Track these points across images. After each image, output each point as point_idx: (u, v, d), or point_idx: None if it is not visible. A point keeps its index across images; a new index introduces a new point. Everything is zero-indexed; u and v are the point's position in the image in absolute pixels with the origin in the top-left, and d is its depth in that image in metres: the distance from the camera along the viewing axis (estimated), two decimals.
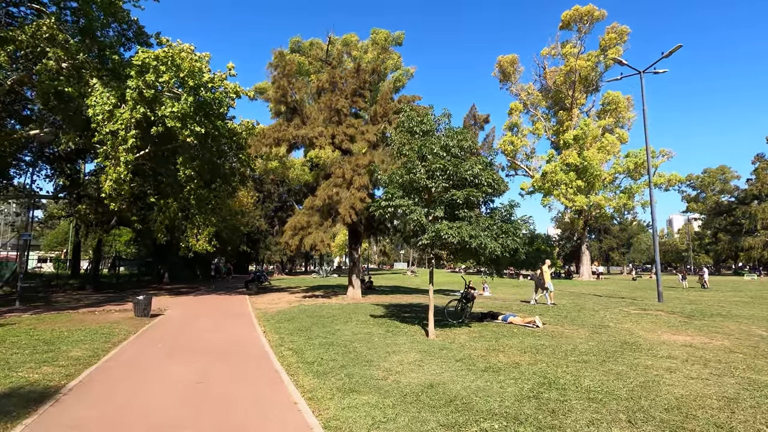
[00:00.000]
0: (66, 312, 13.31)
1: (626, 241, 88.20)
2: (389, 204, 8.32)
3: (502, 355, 7.03)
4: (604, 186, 42.45)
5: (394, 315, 12.32)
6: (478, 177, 8.00)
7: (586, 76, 43.64)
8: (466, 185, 8.08)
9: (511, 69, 46.11)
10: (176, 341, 8.52)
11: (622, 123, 46.15)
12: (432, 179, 7.92)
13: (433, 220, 8.13)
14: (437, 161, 7.81)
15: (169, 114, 13.02)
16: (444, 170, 7.82)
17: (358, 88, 18.64)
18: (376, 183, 17.03)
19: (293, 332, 9.48)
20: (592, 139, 40.91)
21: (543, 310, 13.75)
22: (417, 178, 7.93)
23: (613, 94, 44.18)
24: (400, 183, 8.68)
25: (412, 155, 8.04)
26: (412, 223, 7.97)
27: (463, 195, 7.77)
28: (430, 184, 7.91)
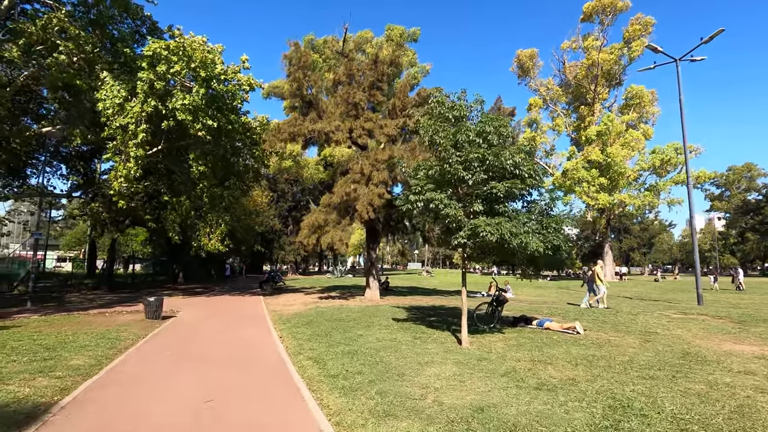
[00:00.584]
0: (76, 313, 12.84)
1: (647, 241, 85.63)
2: (419, 198, 7.50)
3: (552, 369, 6.14)
4: (629, 183, 40.84)
5: (418, 319, 11.49)
6: (520, 167, 7.12)
7: (608, 69, 42.09)
8: (506, 176, 7.21)
9: (530, 63, 44.81)
10: (186, 348, 7.84)
11: (645, 118, 44.46)
12: (468, 170, 7.06)
13: (469, 216, 7.27)
14: (474, 150, 6.95)
15: (180, 107, 12.44)
16: (482, 160, 6.96)
17: (376, 80, 17.85)
18: (396, 179, 16.22)
19: (312, 338, 8.73)
20: (616, 134, 39.37)
21: (596, 313, 12.74)
22: (452, 169, 7.08)
23: (637, 88, 42.53)
24: (430, 175, 7.86)
25: (446, 143, 7.19)
26: (446, 219, 7.13)
27: (504, 187, 6.90)
28: (466, 176, 7.05)
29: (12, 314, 12.55)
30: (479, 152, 6.91)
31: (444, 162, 7.32)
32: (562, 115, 45.80)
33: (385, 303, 16.39)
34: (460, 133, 7.29)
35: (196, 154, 13.66)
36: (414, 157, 16.20)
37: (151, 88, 12.83)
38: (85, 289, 23.06)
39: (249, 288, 25.75)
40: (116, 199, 13.41)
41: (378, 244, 19.44)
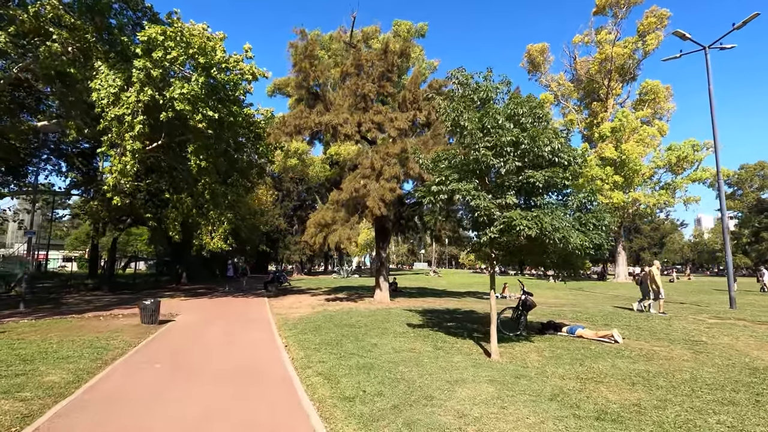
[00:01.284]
0: (69, 317, 12.04)
1: (658, 241, 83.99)
2: (441, 189, 6.58)
3: (606, 389, 5.20)
4: (643, 181, 39.60)
5: (435, 325, 10.56)
6: (558, 154, 6.18)
7: (622, 64, 40.87)
8: (543, 164, 6.27)
9: (540, 58, 43.68)
10: (180, 359, 6.97)
11: (660, 114, 43.23)
12: (500, 157, 6.13)
13: (500, 209, 6.34)
14: (508, 133, 6.02)
15: (179, 96, 11.59)
16: (516, 144, 6.03)
17: (386, 71, 16.94)
18: (408, 174, 15.29)
19: (321, 347, 7.84)
20: (630, 131, 38.17)
21: (626, 318, 11.75)
22: (480, 156, 6.15)
23: (652, 84, 41.30)
24: (453, 164, 6.94)
25: (473, 127, 6.26)
26: (475, 212, 6.21)
27: (542, 176, 5.96)
28: (497, 164, 6.12)
29: (1, 318, 11.79)
30: (513, 135, 5.97)
31: (470, 148, 6.39)
32: (574, 111, 44.64)
33: (396, 306, 15.48)
34: (487, 116, 6.35)
35: (196, 147, 12.80)
36: (427, 150, 15.29)
37: (148, 77, 12.00)
38: (85, 290, 22.34)
39: (253, 289, 24.94)
40: (110, 196, 12.58)
41: (388, 243, 18.53)
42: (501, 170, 6.14)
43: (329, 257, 69.38)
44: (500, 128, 6.25)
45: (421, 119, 17.10)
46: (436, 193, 6.67)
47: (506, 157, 6.10)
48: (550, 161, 6.26)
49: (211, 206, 15.43)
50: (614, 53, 40.01)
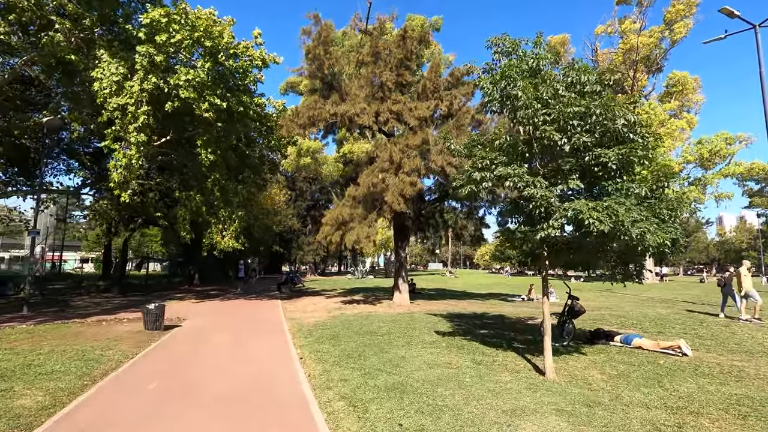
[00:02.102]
0: (71, 321, 11.27)
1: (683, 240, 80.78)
2: (485, 176, 5.48)
3: (710, 424, 4.04)
4: (672, 177, 37.65)
5: (466, 332, 9.44)
6: (634, 128, 5.03)
7: (647, 54, 39.02)
8: (612, 142, 5.13)
9: (561, 50, 41.96)
10: (179, 375, 6.01)
11: (688, 107, 41.17)
12: (564, 132, 5.00)
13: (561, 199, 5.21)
14: (574, 103, 4.89)
15: (184, 83, 10.73)
16: (587, 116, 4.90)
17: (404, 58, 15.85)
18: (430, 168, 14.19)
19: (341, 360, 6.80)
20: (658, 124, 36.31)
21: (682, 324, 10.47)
22: (539, 133, 5.04)
23: (679, 75, 39.34)
24: (498, 146, 5.84)
25: (529, 97, 5.13)
26: (530, 203, 5.10)
27: (616, 155, 4.82)
28: (560, 140, 4.99)
29: (1, 322, 11.09)
30: (582, 104, 4.84)
31: (524, 124, 5.28)
32: None
33: (418, 309, 14.39)
34: (544, 84, 5.23)
35: (205, 140, 11.93)
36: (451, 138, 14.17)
37: (152, 64, 11.18)
38: (96, 291, 21.79)
39: (267, 290, 24.12)
40: (117, 193, 11.81)
41: (407, 242, 17.46)
42: (564, 148, 5.00)
43: (343, 258, 68.58)
44: (560, 99, 5.11)
45: (442, 109, 15.99)
46: (478, 181, 5.57)
47: (571, 132, 4.96)
48: (620, 138, 5.10)
49: (222, 204, 14.58)
50: (639, 43, 38.20)
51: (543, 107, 5.13)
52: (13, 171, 20.63)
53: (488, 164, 5.53)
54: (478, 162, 5.60)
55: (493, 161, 5.50)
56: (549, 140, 5.00)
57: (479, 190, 5.65)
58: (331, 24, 14.54)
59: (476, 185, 5.62)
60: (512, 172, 5.22)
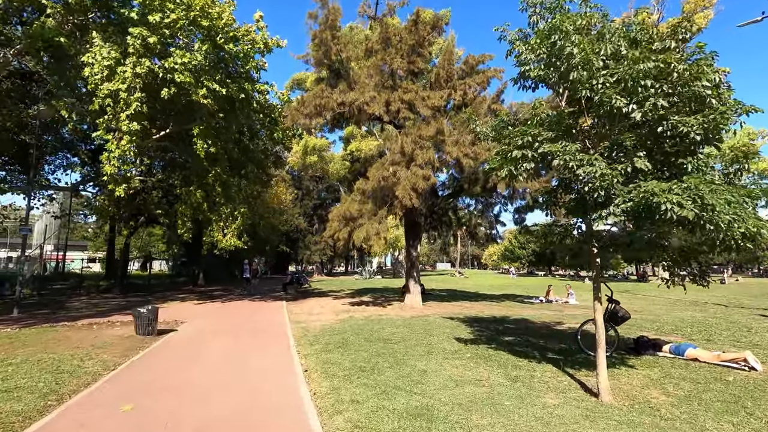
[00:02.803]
0: (60, 325, 10.46)
1: None
2: (527, 155, 4.51)
3: None
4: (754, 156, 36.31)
5: (490, 339, 8.46)
6: (719, 91, 4.02)
7: None
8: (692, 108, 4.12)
9: None
10: (163, 396, 5.11)
11: None
12: (634, 96, 4.01)
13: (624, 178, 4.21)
14: (651, 56, 3.90)
15: (179, 66, 9.86)
16: (665, 75, 3.91)
17: (416, 45, 14.89)
18: (445, 162, 13.22)
19: (352, 374, 5.86)
20: None
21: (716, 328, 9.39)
22: (600, 98, 4.06)
23: None
24: (540, 121, 4.86)
25: (586, 54, 4.13)
26: (587, 184, 4.11)
27: (699, 124, 3.81)
28: (627, 107, 4.00)
29: None
30: (661, 58, 3.84)
31: (578, 88, 4.29)
32: None
33: (431, 312, 13.41)
34: (603, 40, 4.24)
35: (202, 129, 11.08)
36: (468, 131, 13.19)
37: (145, 47, 10.34)
38: (96, 292, 21.10)
39: (272, 291, 23.29)
40: (111, 187, 11.00)
41: (419, 240, 16.48)
42: (633, 117, 4.00)
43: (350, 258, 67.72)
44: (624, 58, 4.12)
45: (456, 99, 15.01)
46: (518, 160, 4.59)
47: (640, 96, 3.95)
48: (698, 105, 4.09)
49: (223, 200, 13.72)
50: None
51: (602, 68, 4.14)
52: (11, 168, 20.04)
53: (530, 141, 4.55)
54: (518, 139, 4.62)
55: (536, 138, 4.51)
56: (612, 108, 4.00)
57: (519, 172, 4.67)
58: (339, 8, 13.62)
59: (516, 166, 4.64)
60: (561, 149, 4.24)
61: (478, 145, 12.52)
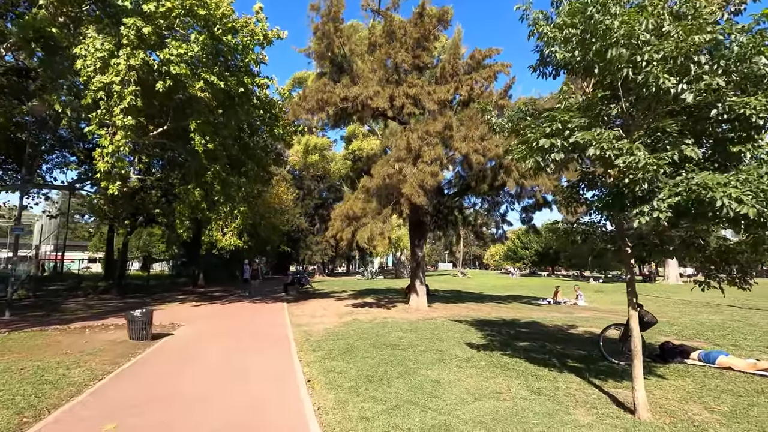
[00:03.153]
0: (51, 328, 10.00)
1: None
2: (555, 144, 4.04)
3: None
4: None
5: (503, 344, 7.97)
6: None
7: None
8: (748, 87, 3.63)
9: None
10: (152, 411, 4.64)
11: None
12: (683, 74, 3.52)
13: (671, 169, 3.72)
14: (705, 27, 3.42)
15: (175, 57, 9.40)
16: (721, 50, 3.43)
17: (421, 38, 14.42)
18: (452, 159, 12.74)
19: (359, 385, 5.39)
20: None
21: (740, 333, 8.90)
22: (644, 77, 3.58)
23: None
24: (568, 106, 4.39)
25: (629, 21, 3.64)
26: (627, 175, 3.63)
27: (763, 105, 3.33)
28: (676, 87, 3.52)
29: None
30: (717, 29, 3.36)
31: (616, 67, 3.81)
32: None
33: (438, 314, 12.94)
34: (645, 12, 3.75)
35: (199, 123, 10.61)
36: (475, 126, 12.72)
37: (140, 38, 9.88)
38: (94, 293, 20.65)
39: (273, 291, 22.85)
40: (104, 185, 10.55)
41: (425, 240, 16.01)
42: (683, 98, 3.52)
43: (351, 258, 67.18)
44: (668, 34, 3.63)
45: (462, 94, 14.54)
46: (546, 150, 4.11)
47: (694, 73, 3.47)
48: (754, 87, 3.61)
49: (222, 198, 13.25)
50: None
51: (644, 43, 3.65)
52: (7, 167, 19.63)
53: (559, 129, 4.07)
54: (546, 126, 4.14)
55: (566, 125, 4.03)
56: (658, 89, 3.52)
57: (546, 163, 4.18)
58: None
59: (543, 156, 4.16)
60: (597, 136, 3.76)
61: (488, 140, 12.04)
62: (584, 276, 49.47)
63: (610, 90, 4.27)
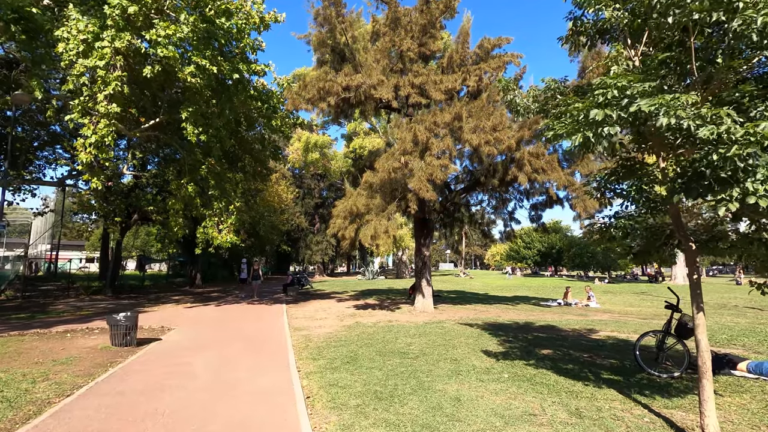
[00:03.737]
0: (31, 333, 9.24)
1: None
2: (610, 117, 3.28)
3: None
4: None
5: (525, 352, 7.21)
6: None
7: None
8: None
9: None
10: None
11: None
12: None
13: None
14: None
15: (162, 39, 8.64)
16: None
17: (427, 25, 13.67)
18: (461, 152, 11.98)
19: (366, 403, 4.63)
20: None
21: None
22: (748, 21, 2.83)
23: None
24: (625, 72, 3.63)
25: None
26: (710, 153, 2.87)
27: None
28: None
29: None
30: None
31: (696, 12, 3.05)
32: None
33: (445, 317, 12.19)
34: None
35: (191, 111, 9.84)
36: (486, 116, 11.97)
37: (126, 20, 9.13)
38: (85, 294, 19.90)
39: (272, 292, 22.09)
40: (86, 178, 9.83)
41: (431, 238, 15.24)
42: None
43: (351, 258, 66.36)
44: None
45: (470, 85, 13.78)
46: (599, 124, 3.35)
47: None
48: None
49: (217, 193, 12.50)
50: None
51: None
52: None
53: (616, 97, 3.31)
54: (599, 95, 3.38)
55: (625, 91, 3.27)
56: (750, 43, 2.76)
57: (599, 140, 3.42)
58: None
59: (595, 131, 3.39)
60: (670, 102, 3.00)
61: (500, 131, 11.29)
62: (589, 276, 48.70)
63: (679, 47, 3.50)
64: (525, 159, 11.87)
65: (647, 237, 5.11)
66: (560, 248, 53.74)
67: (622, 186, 5.14)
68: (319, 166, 43.11)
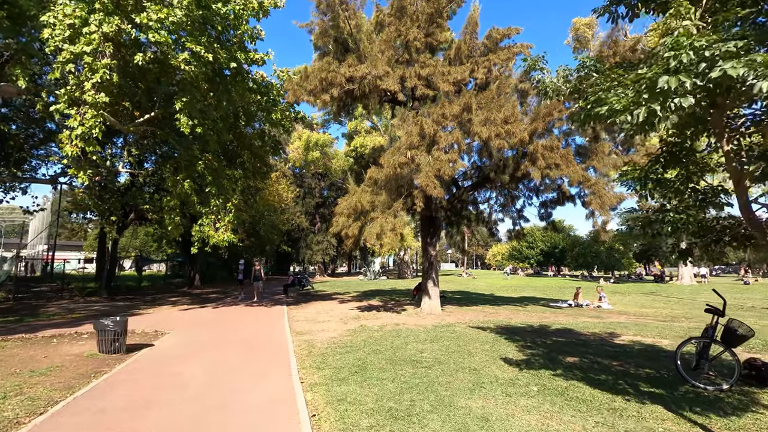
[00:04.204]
0: (15, 337, 8.63)
1: None
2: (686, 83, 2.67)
3: None
4: None
5: (549, 361, 6.60)
6: None
7: None
8: None
9: (588, 33, 38.89)
10: None
11: None
12: None
13: None
14: None
15: (154, 23, 8.04)
16: None
17: (434, 14, 13.07)
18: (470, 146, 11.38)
19: (381, 424, 4.03)
20: None
21: None
22: None
23: None
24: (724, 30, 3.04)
25: None
26: None
27: None
28: None
29: None
30: None
31: None
32: None
33: (455, 320, 11.58)
34: None
35: (185, 102, 9.22)
36: (498, 108, 11.37)
37: (116, 4, 8.52)
38: (80, 295, 19.30)
39: (272, 293, 21.49)
40: (72, 172, 9.21)
41: (438, 237, 14.64)
42: None
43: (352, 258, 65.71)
44: None
45: (479, 77, 13.16)
46: (668, 94, 2.74)
47: None
48: None
49: (214, 190, 11.89)
50: None
51: None
52: None
53: (692, 60, 2.70)
54: (670, 57, 2.78)
55: (703, 52, 2.67)
56: None
57: (668, 113, 2.82)
58: None
59: (663, 103, 2.79)
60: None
61: (512, 123, 10.69)
62: (593, 276, 48.09)
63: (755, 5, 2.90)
64: (539, 153, 11.25)
65: (698, 233, 4.51)
66: (563, 248, 53.05)
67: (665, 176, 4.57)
68: (319, 165, 42.56)
